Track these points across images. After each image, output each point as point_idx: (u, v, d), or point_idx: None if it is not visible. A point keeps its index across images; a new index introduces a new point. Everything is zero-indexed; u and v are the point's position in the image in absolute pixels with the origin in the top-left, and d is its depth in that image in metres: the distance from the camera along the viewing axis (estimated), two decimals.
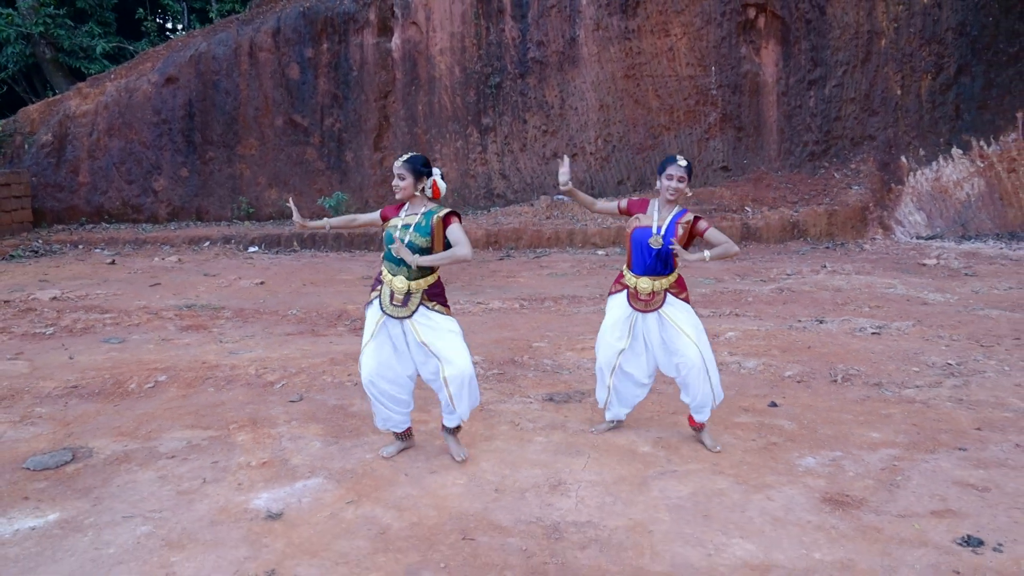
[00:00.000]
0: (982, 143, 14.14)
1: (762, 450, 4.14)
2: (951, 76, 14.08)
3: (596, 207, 4.42)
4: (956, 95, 14.15)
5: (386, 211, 4.04)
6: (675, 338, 4.10)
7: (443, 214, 3.85)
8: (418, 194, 3.89)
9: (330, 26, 14.70)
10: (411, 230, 3.83)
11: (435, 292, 3.91)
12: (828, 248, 12.70)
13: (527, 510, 3.44)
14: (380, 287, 3.94)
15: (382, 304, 3.90)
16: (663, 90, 14.57)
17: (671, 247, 3.98)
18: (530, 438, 4.32)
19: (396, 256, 3.80)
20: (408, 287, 3.83)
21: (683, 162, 4.06)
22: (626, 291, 4.20)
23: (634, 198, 4.41)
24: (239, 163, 14.95)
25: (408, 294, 3.84)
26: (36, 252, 12.48)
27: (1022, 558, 3.00)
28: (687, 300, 4.18)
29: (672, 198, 4.07)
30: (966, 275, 10.09)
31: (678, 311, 4.12)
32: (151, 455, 4.10)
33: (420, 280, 3.85)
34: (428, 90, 14.92)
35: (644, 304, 4.13)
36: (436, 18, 14.70)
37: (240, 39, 14.73)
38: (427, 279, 3.88)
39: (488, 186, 15.12)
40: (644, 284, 4.10)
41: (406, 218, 3.90)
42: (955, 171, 14.09)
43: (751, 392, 5.19)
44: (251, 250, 12.98)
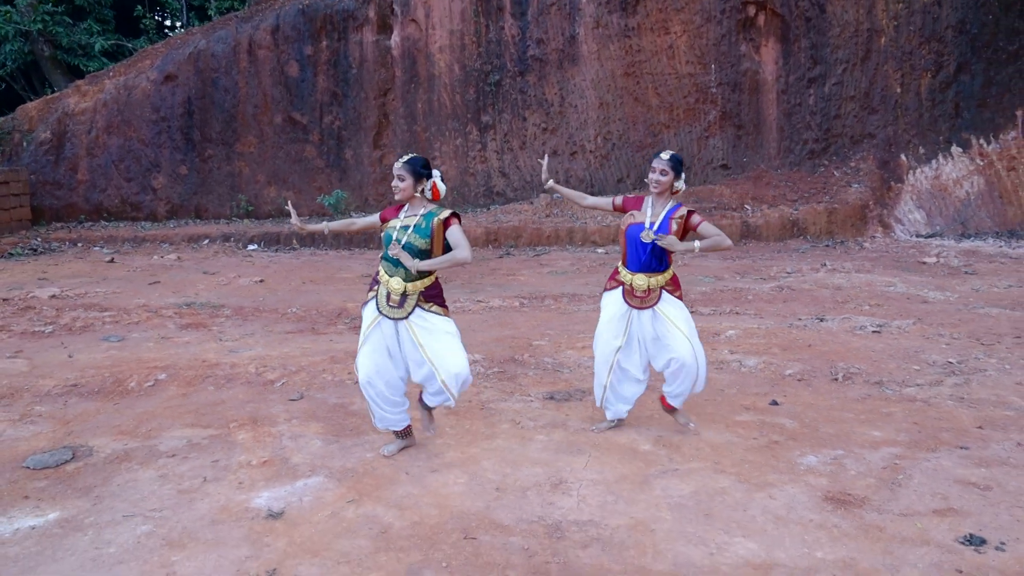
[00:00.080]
0: (982, 141, 14.14)
1: (763, 448, 4.14)
2: (951, 74, 14.07)
3: (585, 203, 4.44)
4: (956, 93, 14.14)
5: (385, 213, 4.03)
6: (668, 334, 4.11)
7: (444, 216, 3.83)
8: (418, 195, 3.88)
9: (329, 23, 14.67)
10: (410, 231, 3.81)
11: (432, 293, 3.89)
12: (828, 246, 12.69)
13: (529, 509, 3.43)
14: (377, 287, 3.93)
15: (378, 304, 3.89)
16: (663, 88, 14.55)
17: (656, 240, 4.00)
18: (531, 437, 4.32)
19: (396, 258, 3.79)
20: (405, 288, 3.82)
21: (665, 155, 4.12)
22: (621, 288, 4.21)
23: (629, 195, 4.42)
24: (238, 161, 14.93)
25: (404, 295, 3.83)
26: (35, 250, 12.46)
27: None
28: (680, 298, 4.20)
29: (656, 190, 4.12)
30: (966, 273, 10.09)
31: (672, 308, 4.14)
32: (151, 454, 4.09)
33: (417, 281, 3.84)
34: (428, 88, 14.90)
35: (639, 301, 4.14)
36: (435, 15, 14.68)
37: (239, 37, 14.70)
38: (424, 280, 3.86)
39: (488, 184, 15.11)
40: (640, 281, 4.12)
41: (405, 219, 3.88)
42: (955, 169, 14.08)
43: (752, 390, 5.19)
44: (250, 248, 12.96)
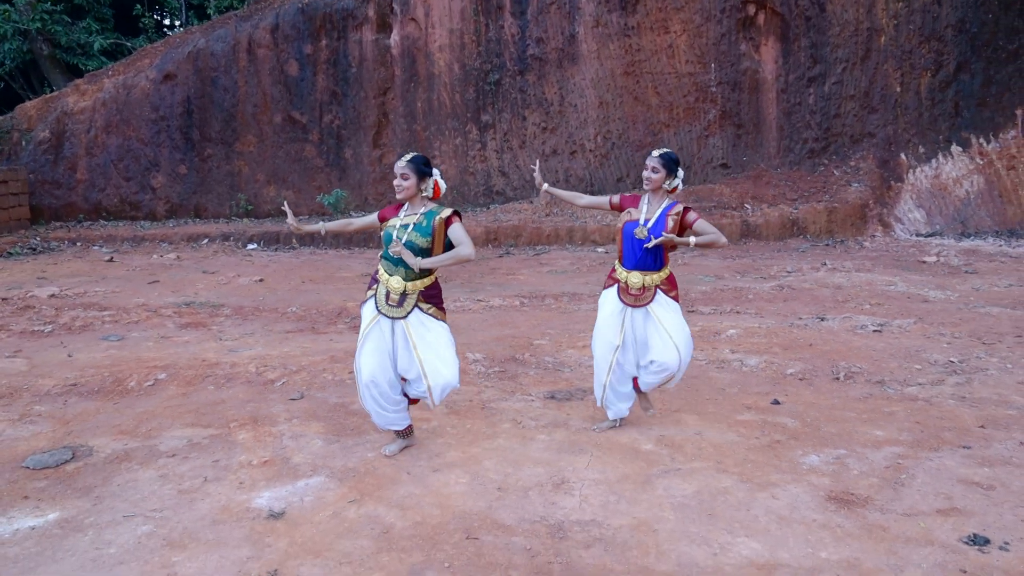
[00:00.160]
0: (981, 140, 14.13)
1: (766, 448, 4.12)
2: (951, 73, 14.06)
3: (582, 202, 4.45)
4: (955, 92, 14.13)
5: (384, 212, 4.00)
6: (656, 336, 4.12)
7: (445, 215, 3.81)
8: (420, 194, 3.87)
9: (329, 22, 14.65)
10: (410, 230, 3.79)
11: (431, 294, 3.88)
12: (828, 245, 12.69)
13: (531, 509, 3.42)
14: (376, 286, 3.91)
15: (377, 303, 3.87)
16: (662, 87, 14.54)
17: (649, 243, 4.00)
18: (532, 436, 4.31)
19: (396, 257, 3.77)
20: (404, 287, 3.80)
21: (656, 153, 4.14)
22: (616, 285, 4.21)
23: (627, 194, 4.42)
24: (237, 160, 14.91)
25: (404, 294, 3.81)
26: (34, 249, 12.43)
27: None
28: (676, 299, 4.19)
29: (648, 187, 4.14)
30: (966, 272, 10.09)
31: (665, 310, 4.13)
32: (151, 454, 4.08)
33: (417, 281, 3.82)
34: (427, 87, 14.88)
35: (634, 299, 4.14)
36: (435, 14, 14.66)
37: (239, 35, 14.68)
38: (424, 280, 3.84)
39: (487, 183, 15.09)
40: (635, 279, 4.12)
41: (405, 218, 3.86)
42: (954, 168, 14.07)
43: (753, 390, 5.18)
44: (250, 247, 12.94)
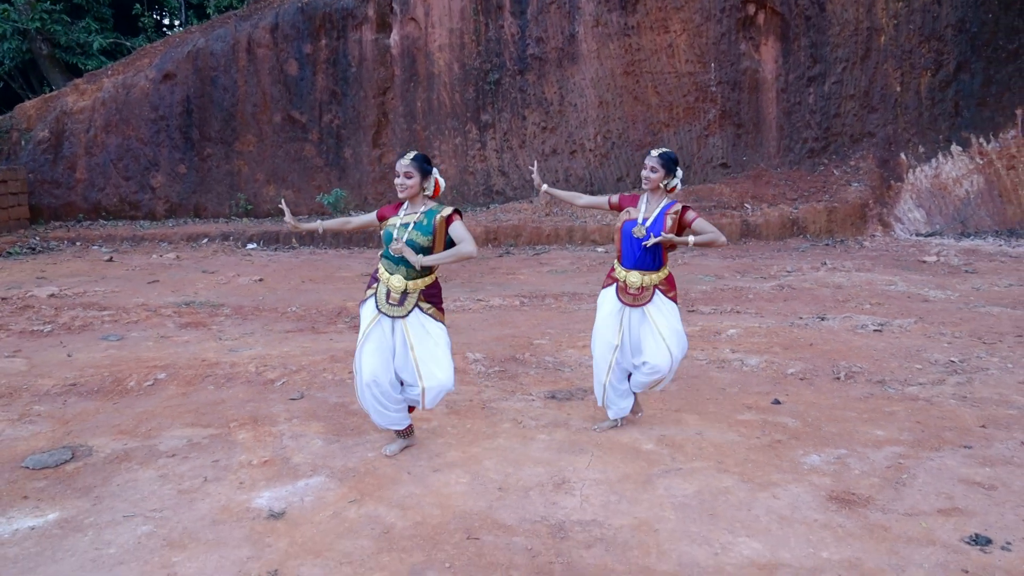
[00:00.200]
0: (981, 140, 14.13)
1: (766, 448, 4.12)
2: (950, 73, 14.06)
3: (581, 202, 4.45)
4: (955, 92, 14.12)
5: (383, 211, 3.98)
6: (650, 338, 4.11)
7: (446, 214, 3.80)
8: (421, 193, 3.86)
9: (328, 22, 14.64)
10: (411, 228, 3.78)
11: (432, 293, 3.87)
12: (828, 245, 12.68)
13: (532, 509, 3.41)
14: (376, 285, 3.89)
15: (377, 302, 3.86)
16: (662, 87, 14.53)
17: (648, 242, 4.00)
18: (533, 436, 4.30)
19: (396, 255, 3.76)
20: (405, 286, 3.79)
21: (655, 152, 4.14)
22: (615, 284, 4.20)
23: (626, 194, 4.42)
24: (237, 160, 14.90)
25: (405, 293, 3.80)
26: (33, 249, 12.42)
27: None
28: (675, 300, 4.19)
29: (646, 186, 4.15)
30: (966, 272, 10.08)
31: (661, 312, 4.12)
32: (151, 453, 4.07)
33: (418, 280, 3.81)
34: (427, 86, 14.87)
35: (632, 298, 4.13)
36: (435, 14, 14.65)
37: (238, 35, 14.67)
38: (425, 279, 3.83)
39: (487, 183, 15.08)
40: (633, 278, 4.11)
41: (405, 217, 3.85)
42: (954, 168, 14.07)
43: (754, 389, 5.17)
44: (249, 247, 12.93)
